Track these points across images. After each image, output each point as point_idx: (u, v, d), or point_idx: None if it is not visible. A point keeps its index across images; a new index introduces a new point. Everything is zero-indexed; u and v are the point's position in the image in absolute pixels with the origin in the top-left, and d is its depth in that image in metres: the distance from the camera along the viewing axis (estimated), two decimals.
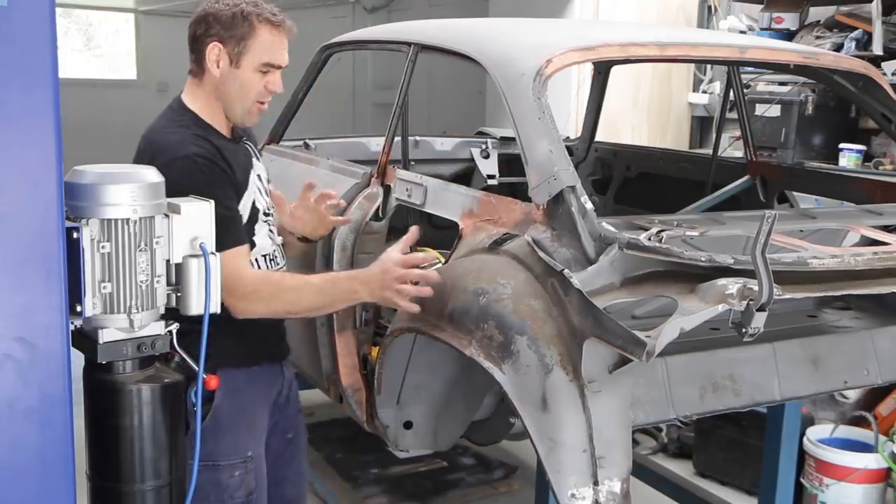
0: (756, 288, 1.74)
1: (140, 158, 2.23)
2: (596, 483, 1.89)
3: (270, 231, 2.45)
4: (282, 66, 2.31)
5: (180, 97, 2.36)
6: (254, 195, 2.37)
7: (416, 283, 2.24)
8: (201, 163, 2.20)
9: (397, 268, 2.23)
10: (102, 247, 1.77)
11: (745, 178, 3.56)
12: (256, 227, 2.37)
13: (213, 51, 2.25)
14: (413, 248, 2.92)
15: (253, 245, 2.35)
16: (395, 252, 2.27)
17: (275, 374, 2.48)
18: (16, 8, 1.55)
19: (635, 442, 4.44)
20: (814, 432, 3.90)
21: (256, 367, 2.39)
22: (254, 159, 2.45)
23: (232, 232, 2.20)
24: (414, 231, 2.32)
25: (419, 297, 2.23)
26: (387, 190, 2.83)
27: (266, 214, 2.43)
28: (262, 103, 2.33)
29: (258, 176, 2.43)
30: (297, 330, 3.06)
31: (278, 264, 2.47)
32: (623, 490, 1.92)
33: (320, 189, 2.59)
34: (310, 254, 2.81)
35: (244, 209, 2.33)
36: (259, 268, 2.38)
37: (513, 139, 2.58)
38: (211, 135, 2.30)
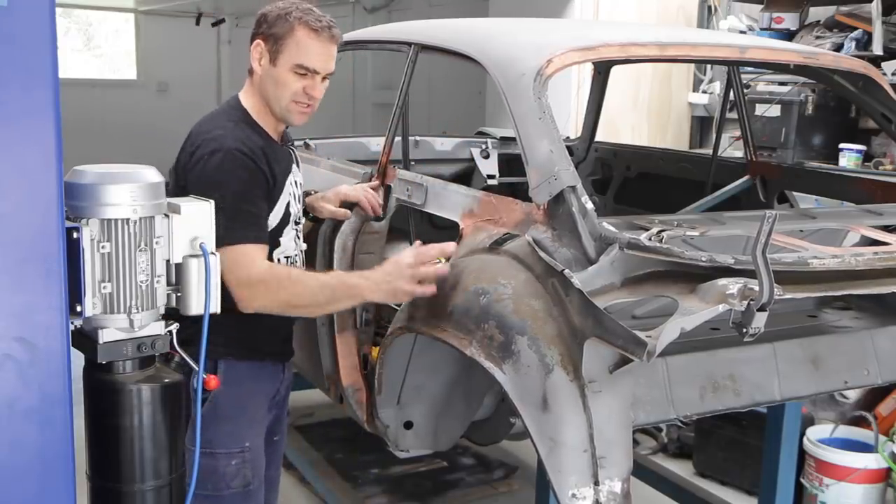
0: (756, 288, 1.74)
1: (184, 147, 2.33)
2: (597, 483, 1.89)
3: (297, 236, 2.51)
4: (318, 72, 2.33)
5: (238, 94, 2.43)
6: (288, 199, 2.42)
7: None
8: (240, 158, 2.25)
9: (409, 259, 2.25)
10: (102, 247, 1.77)
11: (745, 178, 3.56)
12: (285, 230, 2.43)
13: (257, 48, 2.34)
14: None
15: (277, 245, 2.41)
16: (406, 251, 2.31)
17: (276, 373, 2.52)
18: (16, 8, 1.55)
19: (635, 442, 4.44)
20: (814, 432, 3.90)
21: (259, 362, 2.43)
22: (293, 165, 2.50)
23: (256, 229, 2.26)
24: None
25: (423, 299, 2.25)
26: (387, 190, 2.83)
27: (296, 222, 2.50)
28: (304, 105, 2.34)
29: (295, 182, 2.49)
30: (297, 330, 3.06)
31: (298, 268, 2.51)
32: (624, 490, 1.91)
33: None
34: (310, 241, 2.82)
35: (277, 214, 2.37)
36: None
37: (513, 139, 2.58)
38: (256, 133, 2.35)
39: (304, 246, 2.58)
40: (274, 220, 2.37)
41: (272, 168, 2.32)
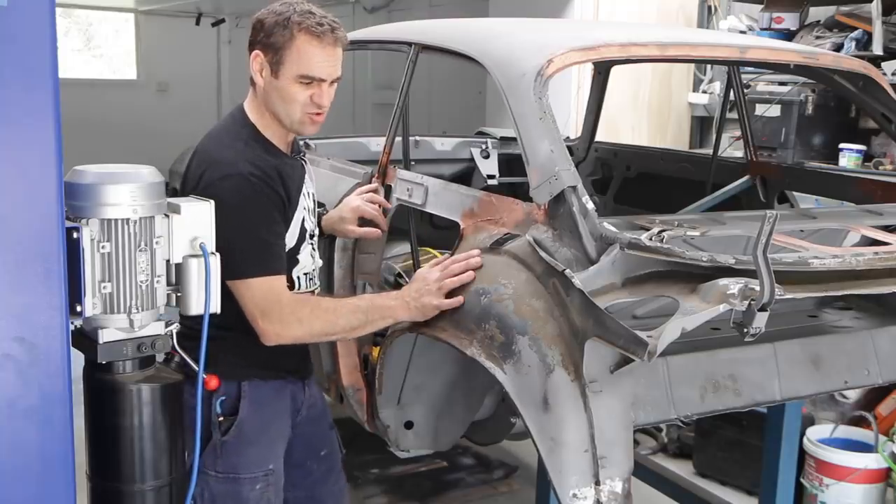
0: (757, 288, 1.74)
1: (192, 165, 2.22)
2: (597, 483, 1.89)
3: (313, 250, 2.43)
4: (324, 79, 2.19)
5: (242, 104, 2.31)
6: (303, 215, 2.34)
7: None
8: (255, 182, 2.14)
9: (434, 270, 2.23)
10: (102, 247, 1.77)
11: (745, 178, 3.56)
12: (302, 246, 2.36)
13: (256, 60, 2.20)
14: (415, 250, 2.94)
15: (296, 262, 2.34)
16: (427, 266, 2.29)
17: (296, 391, 2.43)
18: (16, 8, 1.55)
19: (635, 442, 4.43)
20: (814, 432, 3.90)
21: (281, 380, 2.36)
22: (307, 176, 2.39)
23: (275, 259, 2.19)
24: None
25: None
26: (387, 190, 2.82)
27: (311, 236, 2.41)
28: (315, 114, 2.23)
29: (308, 194, 2.39)
30: None
31: (315, 283, 2.46)
32: (624, 490, 1.91)
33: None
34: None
35: (293, 232, 2.29)
36: (299, 285, 2.36)
37: (513, 139, 2.58)
38: (268, 151, 2.24)
39: (321, 262, 2.50)
40: (291, 239, 2.28)
41: (287, 188, 2.23)
